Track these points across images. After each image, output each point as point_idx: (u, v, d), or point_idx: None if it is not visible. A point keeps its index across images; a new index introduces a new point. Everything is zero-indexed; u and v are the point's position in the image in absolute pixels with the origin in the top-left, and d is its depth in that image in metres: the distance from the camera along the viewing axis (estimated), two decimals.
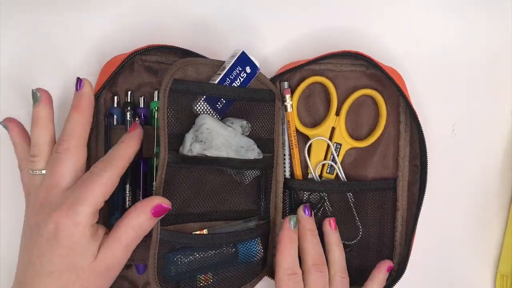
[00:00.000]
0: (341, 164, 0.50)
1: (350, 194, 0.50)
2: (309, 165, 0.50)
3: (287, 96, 0.49)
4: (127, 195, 0.45)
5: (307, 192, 0.49)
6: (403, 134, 0.50)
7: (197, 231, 0.43)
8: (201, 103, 0.43)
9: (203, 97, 0.43)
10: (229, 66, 0.43)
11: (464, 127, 0.55)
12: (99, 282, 0.38)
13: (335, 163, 0.50)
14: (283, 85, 0.49)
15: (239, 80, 0.44)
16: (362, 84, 0.50)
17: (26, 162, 0.42)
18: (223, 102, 0.44)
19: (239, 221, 0.45)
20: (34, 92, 0.41)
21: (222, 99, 0.44)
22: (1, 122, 0.43)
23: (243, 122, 0.45)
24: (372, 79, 0.50)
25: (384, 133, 0.50)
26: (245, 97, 0.45)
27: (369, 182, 0.50)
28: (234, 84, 0.44)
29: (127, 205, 0.45)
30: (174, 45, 0.45)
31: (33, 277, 0.37)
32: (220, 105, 0.44)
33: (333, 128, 0.50)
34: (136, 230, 0.39)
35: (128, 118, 0.46)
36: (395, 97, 0.50)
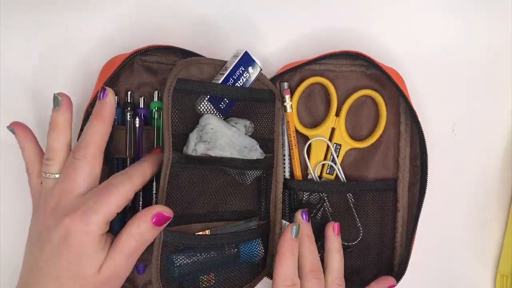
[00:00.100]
0: (341, 165, 0.50)
1: (350, 195, 0.50)
2: (309, 165, 0.50)
3: (287, 96, 0.48)
4: None
5: (306, 192, 0.49)
6: (403, 135, 0.50)
7: (199, 232, 0.43)
8: (204, 103, 0.43)
9: (207, 97, 0.43)
10: (232, 66, 0.43)
11: (464, 127, 0.55)
12: None
13: (335, 163, 0.50)
14: (283, 86, 0.49)
15: (242, 80, 0.44)
16: (362, 85, 0.50)
17: (34, 166, 0.42)
18: (226, 102, 0.44)
19: (241, 221, 0.45)
20: (56, 96, 0.40)
21: (225, 99, 0.44)
22: (7, 127, 0.43)
23: (247, 122, 0.45)
24: (372, 79, 0.50)
25: (384, 134, 0.50)
26: (247, 97, 0.45)
27: (368, 183, 0.49)
28: (237, 84, 0.44)
29: (127, 207, 0.45)
30: (174, 45, 0.45)
31: (38, 280, 0.37)
32: (223, 105, 0.44)
33: (333, 129, 0.50)
34: (137, 240, 0.39)
35: (128, 118, 0.46)
36: (395, 98, 0.50)
